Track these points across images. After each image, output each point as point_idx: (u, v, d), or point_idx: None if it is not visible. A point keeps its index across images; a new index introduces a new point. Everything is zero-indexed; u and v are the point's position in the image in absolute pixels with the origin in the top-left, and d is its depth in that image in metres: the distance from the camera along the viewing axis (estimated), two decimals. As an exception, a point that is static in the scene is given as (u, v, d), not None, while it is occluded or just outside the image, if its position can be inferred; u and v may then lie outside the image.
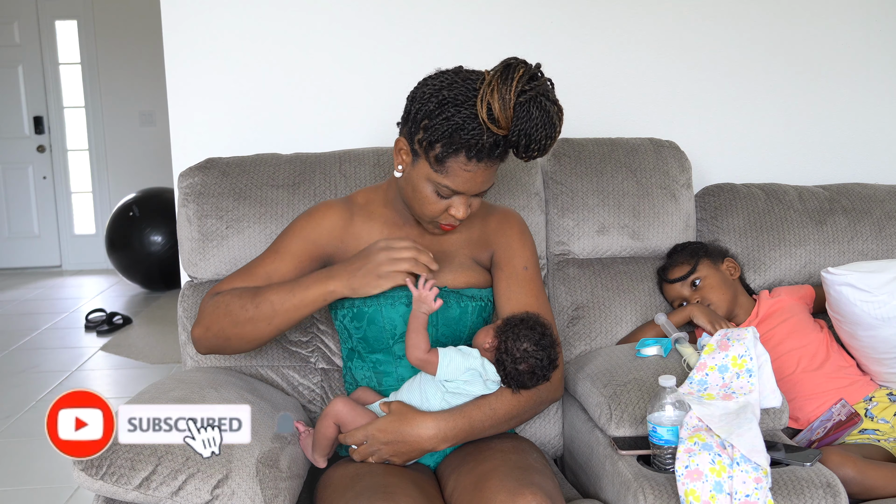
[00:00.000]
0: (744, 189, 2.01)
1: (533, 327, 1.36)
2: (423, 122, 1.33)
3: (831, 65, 2.24)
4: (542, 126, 1.29)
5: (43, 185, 6.15)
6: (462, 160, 1.33)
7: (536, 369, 1.35)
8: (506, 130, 1.30)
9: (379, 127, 2.05)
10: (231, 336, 1.45)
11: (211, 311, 1.46)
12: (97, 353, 4.03)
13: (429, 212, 1.41)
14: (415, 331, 1.35)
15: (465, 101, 1.30)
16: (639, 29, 2.17)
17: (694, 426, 1.30)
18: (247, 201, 1.73)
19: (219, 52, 2.06)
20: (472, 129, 1.30)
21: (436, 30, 2.10)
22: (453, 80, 1.33)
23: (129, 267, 5.25)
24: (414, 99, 1.37)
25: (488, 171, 1.36)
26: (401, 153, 1.40)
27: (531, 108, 1.28)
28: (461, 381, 1.35)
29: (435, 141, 1.32)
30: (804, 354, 1.73)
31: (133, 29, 5.89)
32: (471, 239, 1.54)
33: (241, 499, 1.22)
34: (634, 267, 1.89)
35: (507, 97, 1.28)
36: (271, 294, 1.42)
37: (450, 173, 1.34)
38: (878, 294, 1.59)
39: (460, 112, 1.30)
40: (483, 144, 1.31)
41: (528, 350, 1.34)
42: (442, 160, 1.33)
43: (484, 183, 1.38)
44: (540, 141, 1.31)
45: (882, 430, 1.63)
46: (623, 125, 2.16)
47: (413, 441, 1.35)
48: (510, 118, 1.29)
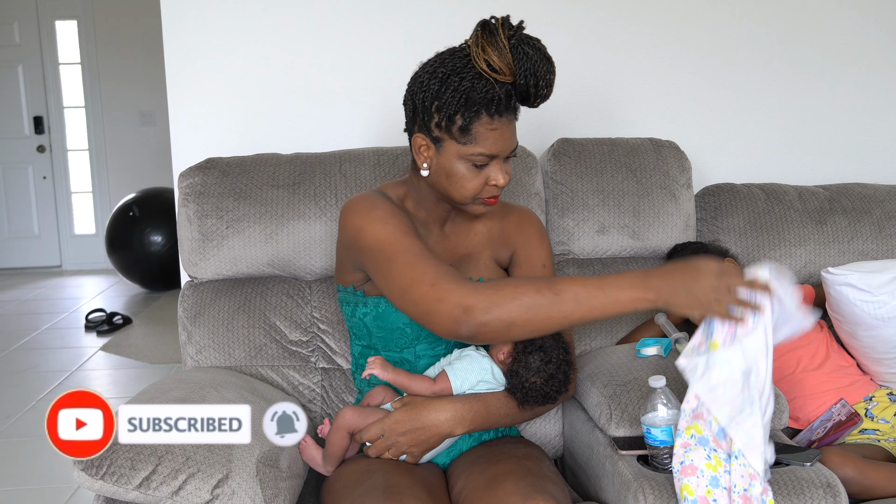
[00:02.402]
0: (744, 189, 2.01)
1: (549, 360, 1.36)
2: (434, 104, 1.34)
3: (831, 65, 2.24)
4: (541, 62, 1.32)
5: (43, 185, 6.15)
6: (486, 120, 1.33)
7: (541, 398, 1.38)
8: (511, 77, 1.32)
9: (379, 127, 2.05)
10: (516, 322, 1.25)
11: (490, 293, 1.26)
12: (97, 353, 4.03)
13: (470, 190, 1.38)
14: (407, 383, 1.38)
15: (464, 68, 1.33)
16: (639, 29, 2.17)
17: (693, 410, 1.25)
18: (247, 201, 1.73)
19: (219, 52, 2.06)
20: (483, 88, 1.31)
21: (435, 30, 2.10)
22: (442, 59, 1.36)
23: (129, 267, 5.25)
24: (413, 94, 1.38)
25: (510, 125, 1.37)
26: (421, 150, 1.39)
27: (525, 48, 1.31)
28: (475, 390, 1.38)
29: (454, 114, 1.33)
30: (804, 354, 1.73)
31: (133, 29, 5.89)
32: (491, 238, 1.54)
33: (241, 499, 1.22)
34: (634, 267, 1.88)
35: (500, 46, 1.30)
36: (574, 285, 1.25)
37: (479, 139, 1.34)
38: (878, 294, 1.59)
39: (465, 78, 1.32)
40: (499, 97, 1.32)
41: (537, 384, 1.36)
42: (467, 129, 1.33)
43: (511, 139, 1.38)
44: (545, 76, 1.32)
45: (882, 430, 1.63)
46: (623, 125, 2.16)
47: (431, 426, 1.35)
48: (510, 64, 1.31)
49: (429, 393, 1.37)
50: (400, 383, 1.39)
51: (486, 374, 1.37)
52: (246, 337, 1.68)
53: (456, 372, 1.37)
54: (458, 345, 1.47)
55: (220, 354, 1.67)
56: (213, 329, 1.68)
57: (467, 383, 1.37)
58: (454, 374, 1.37)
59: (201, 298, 1.72)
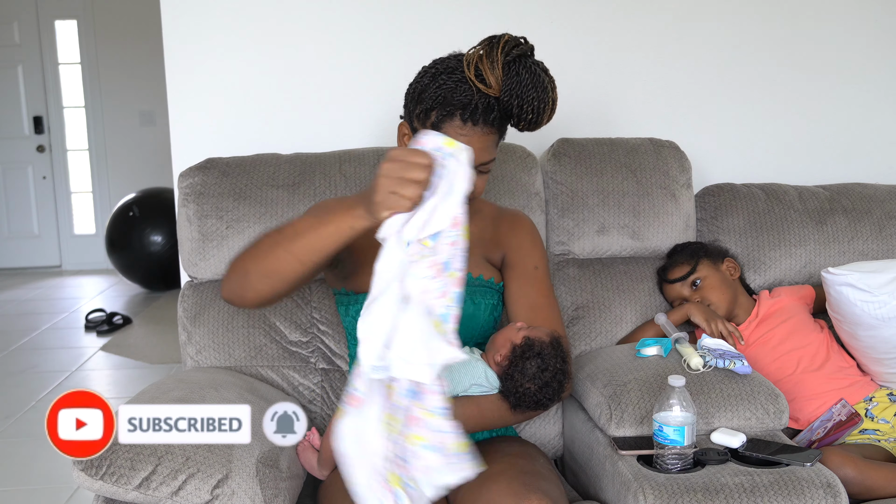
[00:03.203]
0: (744, 189, 2.01)
1: (545, 367, 1.34)
2: (419, 95, 1.37)
3: (832, 65, 2.24)
4: (532, 87, 1.30)
5: (43, 185, 6.15)
6: (458, 123, 1.34)
7: (534, 405, 1.37)
8: (497, 92, 1.32)
9: (379, 127, 2.05)
10: (250, 270, 1.33)
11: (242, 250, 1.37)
12: (97, 353, 4.03)
13: None
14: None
15: (456, 69, 1.35)
16: (639, 29, 2.17)
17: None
18: (247, 201, 1.73)
19: (219, 52, 2.06)
20: (463, 92, 1.33)
21: (434, 30, 2.10)
22: (444, 58, 1.39)
23: (129, 267, 5.25)
24: (411, 83, 1.41)
25: (485, 137, 1.36)
26: (403, 138, 1.44)
27: (519, 68, 1.30)
28: (469, 392, 1.38)
29: (430, 109, 1.35)
30: (804, 355, 1.73)
31: (133, 29, 5.89)
32: (483, 238, 1.55)
33: (241, 499, 1.22)
34: (634, 267, 1.89)
35: (494, 59, 1.30)
36: (296, 221, 1.31)
37: None
38: (879, 294, 1.59)
39: (451, 78, 1.34)
40: (476, 105, 1.32)
41: (531, 390, 1.35)
42: (438, 126, 1.34)
43: (482, 151, 1.36)
44: (532, 102, 1.31)
45: (882, 430, 1.63)
46: (623, 125, 2.16)
47: None
48: (500, 79, 1.31)
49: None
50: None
51: (478, 377, 1.37)
52: (246, 337, 1.68)
53: (449, 375, 1.36)
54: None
55: (220, 354, 1.67)
56: (213, 329, 1.68)
57: (460, 386, 1.36)
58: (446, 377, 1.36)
59: (201, 298, 1.72)
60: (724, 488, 1.26)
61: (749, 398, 1.46)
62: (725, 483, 1.27)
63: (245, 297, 1.37)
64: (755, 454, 1.34)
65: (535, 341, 1.36)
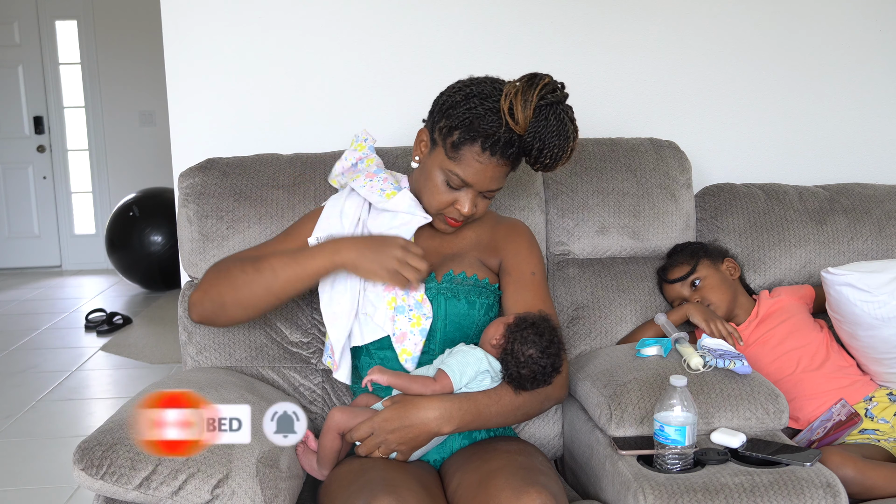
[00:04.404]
0: (744, 189, 2.01)
1: (541, 333, 1.38)
2: (448, 111, 1.41)
3: (831, 65, 2.24)
4: (556, 134, 1.37)
5: (43, 185, 6.15)
6: (476, 150, 1.40)
7: (538, 375, 1.39)
8: (523, 130, 1.38)
9: (379, 127, 2.05)
10: (227, 302, 1.45)
11: (212, 275, 1.49)
12: (97, 353, 4.03)
13: (436, 202, 1.47)
14: (407, 384, 1.38)
15: (490, 96, 1.40)
16: (639, 29, 2.17)
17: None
18: (247, 202, 1.73)
19: (219, 52, 2.06)
20: (491, 121, 1.38)
21: (435, 32, 2.10)
22: (482, 81, 1.44)
23: (129, 267, 5.25)
24: (442, 94, 1.46)
25: (498, 168, 1.42)
26: (420, 144, 1.49)
27: (549, 114, 1.37)
28: (475, 382, 1.39)
29: (454, 127, 1.40)
30: (804, 354, 1.73)
31: (133, 29, 5.89)
32: (480, 243, 1.59)
33: (241, 499, 1.22)
34: (634, 267, 1.89)
35: (529, 98, 1.36)
36: (274, 260, 1.44)
37: (462, 162, 1.41)
38: (878, 294, 1.59)
39: (483, 104, 1.39)
40: (499, 137, 1.38)
41: (533, 356, 1.37)
42: (458, 147, 1.40)
43: (492, 180, 1.44)
44: (552, 148, 1.38)
45: (882, 430, 1.63)
46: (623, 125, 2.16)
47: (419, 424, 1.35)
48: (529, 119, 1.37)
49: (429, 392, 1.37)
50: (400, 386, 1.39)
51: (482, 363, 1.38)
52: (246, 337, 1.68)
53: (453, 368, 1.37)
54: (443, 342, 1.49)
55: (220, 354, 1.67)
56: (213, 329, 1.67)
57: (466, 376, 1.36)
58: (451, 370, 1.37)
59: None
60: (724, 488, 1.26)
61: (749, 398, 1.46)
62: (725, 483, 1.27)
63: (218, 323, 1.52)
64: (755, 454, 1.34)
65: (526, 315, 1.41)
